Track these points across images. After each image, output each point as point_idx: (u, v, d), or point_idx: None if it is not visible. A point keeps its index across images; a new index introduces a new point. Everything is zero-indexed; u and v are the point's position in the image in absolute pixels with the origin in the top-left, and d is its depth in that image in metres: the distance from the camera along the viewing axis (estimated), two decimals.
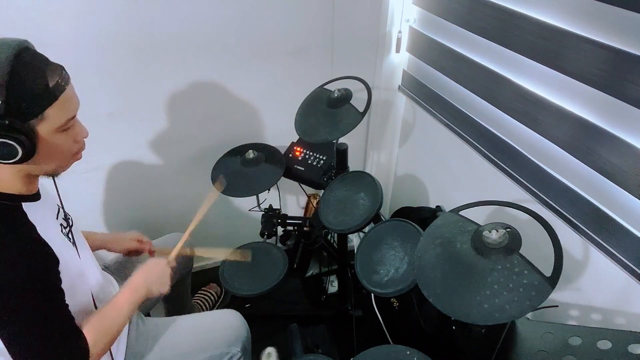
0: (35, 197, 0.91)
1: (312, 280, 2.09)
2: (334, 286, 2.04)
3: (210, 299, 1.93)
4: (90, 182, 1.64)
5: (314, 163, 1.60)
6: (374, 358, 0.99)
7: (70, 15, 1.30)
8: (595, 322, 1.10)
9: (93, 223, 1.74)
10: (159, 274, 1.12)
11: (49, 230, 0.88)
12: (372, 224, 1.24)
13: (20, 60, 0.77)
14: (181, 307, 1.69)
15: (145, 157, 1.69)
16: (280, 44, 1.61)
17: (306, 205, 2.10)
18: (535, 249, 0.83)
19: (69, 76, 0.86)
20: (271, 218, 1.60)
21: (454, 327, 1.09)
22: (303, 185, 1.61)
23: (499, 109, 1.28)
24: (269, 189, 1.47)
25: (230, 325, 1.28)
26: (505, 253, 0.81)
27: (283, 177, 1.53)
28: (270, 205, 1.65)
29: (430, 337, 1.26)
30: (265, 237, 1.57)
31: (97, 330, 0.94)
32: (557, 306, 1.13)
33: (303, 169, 1.59)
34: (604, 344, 0.85)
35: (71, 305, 0.93)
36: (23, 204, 0.87)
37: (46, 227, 0.88)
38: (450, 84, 1.49)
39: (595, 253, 1.06)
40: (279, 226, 1.63)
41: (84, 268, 1.01)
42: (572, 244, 1.11)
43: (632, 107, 0.89)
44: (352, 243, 2.03)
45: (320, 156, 1.61)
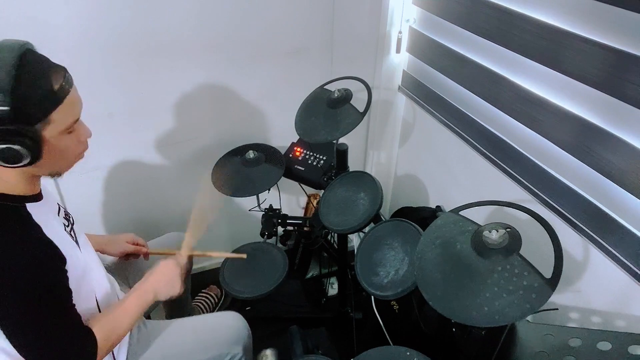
0: (37, 197, 0.92)
1: (313, 282, 2.09)
2: (334, 288, 2.04)
3: (210, 301, 1.92)
4: (89, 182, 1.64)
5: (314, 163, 1.60)
6: (374, 359, 0.99)
7: (70, 15, 1.30)
8: (596, 324, 1.10)
9: (92, 223, 1.74)
10: (168, 278, 1.12)
11: (53, 230, 0.89)
12: (372, 224, 1.23)
13: (25, 64, 0.77)
14: (181, 309, 1.69)
15: (145, 157, 1.68)
16: (280, 44, 1.60)
17: (306, 206, 2.09)
18: (536, 249, 0.83)
19: (72, 78, 0.86)
20: (271, 218, 1.60)
21: (454, 329, 1.09)
22: (303, 185, 1.61)
23: (499, 109, 1.28)
24: (269, 189, 1.47)
25: (232, 326, 1.28)
26: (505, 253, 0.80)
27: (283, 177, 1.53)
28: (271, 205, 1.65)
29: (430, 339, 1.26)
30: (265, 237, 1.57)
31: (106, 330, 0.95)
32: (557, 309, 1.12)
33: (303, 169, 1.58)
34: (604, 345, 0.85)
35: (78, 305, 0.94)
36: (27, 204, 0.87)
37: (50, 227, 0.89)
38: (450, 84, 1.48)
39: (595, 253, 1.06)
40: (279, 226, 1.62)
41: (87, 266, 1.01)
42: (572, 243, 1.10)
43: (632, 107, 0.89)
44: (352, 243, 2.03)
45: (321, 156, 1.61)
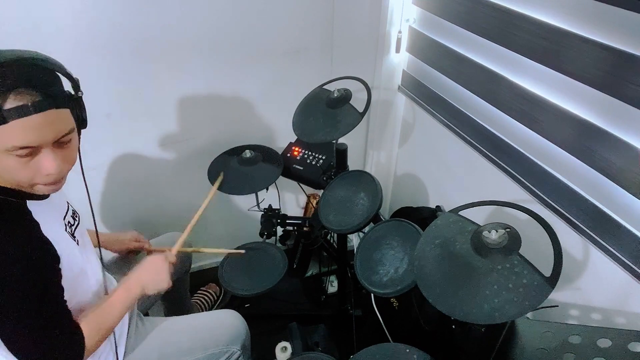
0: (42, 196, 0.92)
1: (312, 280, 2.09)
2: (333, 286, 2.04)
3: (209, 298, 1.93)
4: (88, 182, 1.63)
5: (313, 162, 1.60)
6: (374, 356, 0.99)
7: (69, 15, 1.30)
8: (595, 322, 1.11)
9: (90, 222, 1.74)
10: (155, 272, 1.12)
11: (52, 229, 0.89)
12: (372, 224, 1.24)
13: None
14: (180, 307, 1.69)
15: (143, 157, 1.68)
16: (280, 44, 1.60)
17: (306, 205, 2.10)
18: (535, 249, 0.83)
19: (49, 111, 0.76)
20: (270, 218, 1.60)
21: (453, 327, 1.09)
22: (302, 185, 1.61)
23: (498, 109, 1.28)
24: (268, 188, 1.47)
25: (230, 324, 1.28)
26: (504, 253, 0.81)
27: (282, 177, 1.53)
28: (270, 205, 1.65)
29: (430, 336, 1.26)
30: (264, 237, 1.57)
31: (93, 326, 0.95)
32: (557, 306, 1.13)
33: (302, 168, 1.58)
34: (604, 342, 0.85)
35: (72, 302, 0.94)
36: (28, 201, 0.88)
37: (50, 226, 0.89)
38: (450, 84, 1.49)
39: (595, 253, 1.06)
40: (279, 226, 1.62)
41: (86, 267, 1.02)
42: (572, 243, 1.11)
43: (632, 107, 0.89)
44: (352, 243, 2.03)
45: (320, 155, 1.61)
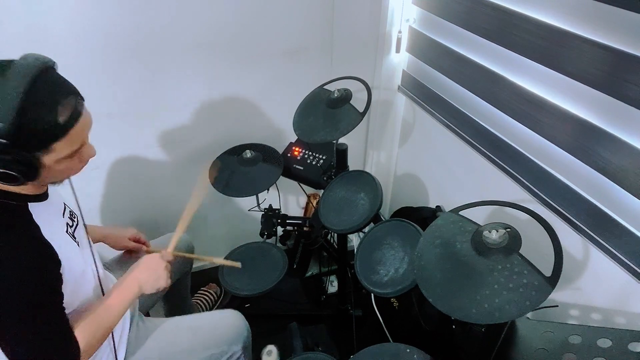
0: (42, 197, 0.92)
1: (312, 280, 2.09)
2: (333, 286, 2.04)
3: (209, 298, 1.93)
4: (88, 182, 1.64)
5: (314, 162, 1.60)
6: (374, 356, 0.99)
7: (69, 15, 1.30)
8: (596, 322, 1.11)
9: (91, 222, 1.73)
10: (152, 271, 1.10)
11: (53, 231, 0.89)
12: (372, 224, 1.24)
13: (32, 94, 0.75)
14: (181, 307, 1.69)
15: (143, 157, 1.69)
16: (280, 44, 1.61)
17: (306, 205, 2.10)
18: (536, 249, 0.83)
19: (83, 104, 0.85)
20: (271, 218, 1.60)
21: (453, 326, 1.09)
22: (303, 185, 1.61)
23: (498, 109, 1.29)
24: (268, 189, 1.48)
25: (231, 324, 1.28)
26: (505, 253, 0.81)
27: (282, 177, 1.53)
28: (270, 205, 1.65)
29: (430, 336, 1.26)
30: (265, 237, 1.57)
31: (89, 331, 0.94)
32: (557, 306, 1.13)
33: (302, 168, 1.58)
34: (604, 342, 0.85)
35: (73, 304, 0.94)
36: (29, 203, 0.87)
37: (51, 228, 0.88)
38: (450, 84, 1.49)
39: (595, 253, 1.06)
40: (279, 226, 1.63)
41: (87, 267, 1.02)
42: (572, 243, 1.11)
43: (632, 108, 0.89)
44: (352, 243, 2.03)
45: (320, 155, 1.61)
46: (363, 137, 2.00)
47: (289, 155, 1.64)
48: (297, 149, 1.66)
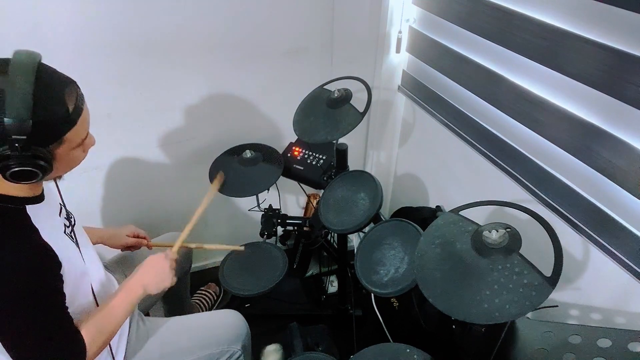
0: (39, 199, 0.91)
1: (312, 280, 2.09)
2: (333, 286, 2.04)
3: (209, 298, 1.93)
4: (88, 182, 1.64)
5: (314, 162, 1.60)
6: (374, 356, 0.99)
7: (69, 15, 1.30)
8: (596, 322, 1.11)
9: (91, 222, 1.74)
10: (156, 271, 1.10)
11: (52, 232, 0.88)
12: (372, 224, 1.24)
13: (41, 88, 0.76)
14: (180, 307, 1.69)
15: (143, 157, 1.69)
16: (280, 44, 1.61)
17: (306, 205, 2.10)
18: (536, 249, 0.83)
19: (82, 92, 0.86)
20: (271, 218, 1.60)
21: (454, 326, 1.09)
22: (303, 185, 1.61)
23: (498, 109, 1.29)
24: (268, 189, 1.48)
25: (231, 324, 1.28)
26: (505, 253, 0.81)
27: (283, 177, 1.53)
28: (270, 205, 1.65)
29: (431, 336, 1.26)
30: (265, 237, 1.57)
31: (94, 331, 0.94)
32: (557, 306, 1.13)
33: (302, 168, 1.58)
34: (604, 342, 0.85)
35: (74, 304, 0.94)
36: (27, 206, 0.87)
37: (49, 229, 0.88)
38: (450, 84, 1.49)
39: (595, 252, 1.06)
40: (279, 226, 1.62)
41: (87, 267, 1.01)
42: (572, 243, 1.11)
43: (632, 108, 0.89)
44: (352, 243, 2.04)
45: (320, 155, 1.61)
46: (363, 137, 2.00)
47: (289, 155, 1.64)
48: (297, 149, 1.66)
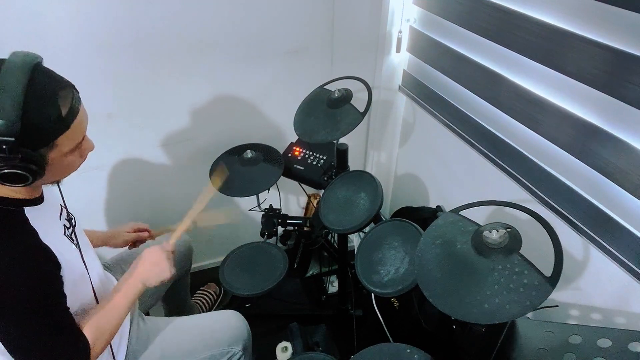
0: (38, 201, 0.91)
1: (313, 280, 2.09)
2: (334, 286, 2.04)
3: (209, 298, 1.93)
4: (89, 182, 1.64)
5: (314, 162, 1.60)
6: (375, 356, 0.99)
7: (69, 14, 1.30)
8: (596, 322, 1.11)
9: (92, 222, 1.74)
10: (154, 263, 1.09)
11: (51, 235, 0.88)
12: (373, 224, 1.24)
13: (33, 89, 0.75)
14: (180, 307, 1.69)
15: (144, 158, 1.69)
16: (280, 44, 1.61)
17: (306, 205, 2.10)
18: (536, 249, 0.83)
19: (79, 96, 0.85)
20: (271, 218, 1.60)
21: (454, 326, 1.09)
22: (303, 185, 1.61)
23: (499, 109, 1.29)
24: (269, 189, 1.48)
25: (232, 325, 1.28)
26: (505, 253, 0.81)
27: (283, 177, 1.53)
28: (271, 205, 1.65)
29: (431, 336, 1.26)
30: (265, 237, 1.57)
31: (97, 330, 0.94)
32: (557, 306, 1.13)
33: (303, 168, 1.58)
34: (604, 342, 0.85)
35: (74, 305, 0.94)
36: (25, 208, 0.86)
37: (48, 232, 0.88)
38: (450, 84, 1.49)
39: (595, 253, 1.06)
40: (279, 226, 1.63)
41: (87, 268, 1.01)
42: (573, 243, 1.11)
43: (632, 108, 0.89)
44: (353, 243, 2.04)
45: (320, 155, 1.61)
46: (363, 137, 2.00)
47: (289, 155, 1.64)
48: (298, 149, 1.66)
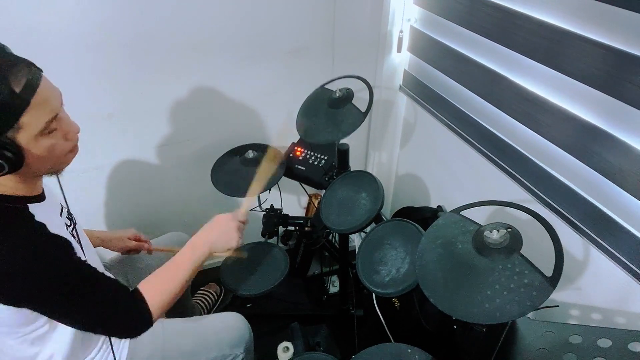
0: (40, 198, 0.91)
1: (314, 280, 2.09)
2: (335, 286, 2.04)
3: (210, 299, 1.93)
4: (90, 182, 1.64)
5: (315, 162, 1.60)
6: (376, 356, 1.00)
7: (68, 15, 1.30)
8: (596, 322, 1.11)
9: (92, 223, 1.75)
10: (223, 229, 1.10)
11: (57, 228, 0.88)
12: (374, 224, 1.24)
13: None
14: (181, 307, 1.69)
15: (145, 157, 1.69)
16: (281, 43, 1.61)
17: (307, 205, 2.10)
18: (536, 249, 0.83)
19: (41, 73, 0.79)
20: (272, 218, 1.60)
21: (455, 326, 1.09)
22: (304, 185, 1.61)
23: (499, 109, 1.29)
24: (270, 189, 1.48)
25: (234, 327, 1.28)
26: (506, 253, 0.81)
27: (284, 177, 1.53)
28: (272, 205, 1.65)
29: (432, 336, 1.26)
30: (266, 237, 1.57)
31: (156, 288, 0.94)
32: (558, 306, 1.13)
33: (304, 168, 1.59)
34: (604, 342, 0.85)
35: None
36: (29, 205, 0.87)
37: (54, 225, 0.88)
38: (451, 84, 1.49)
39: (595, 253, 1.06)
40: (280, 226, 1.63)
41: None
42: (573, 244, 1.11)
43: (632, 108, 0.89)
44: (354, 243, 2.03)
45: (322, 156, 1.61)
46: (364, 138, 2.00)
47: (291, 155, 1.64)
48: (299, 149, 1.66)
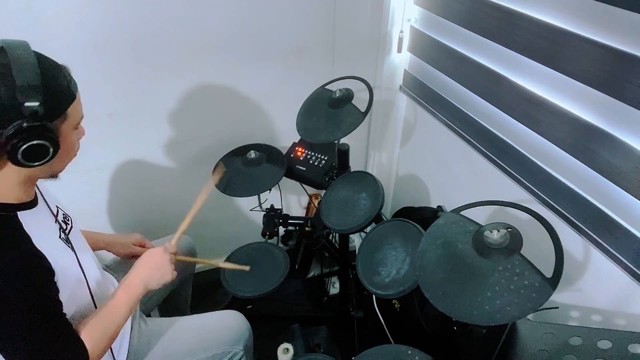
0: (32, 204, 0.89)
1: (314, 281, 2.09)
2: (335, 287, 2.04)
3: None
4: (90, 183, 1.64)
5: (316, 163, 1.60)
6: (376, 357, 0.99)
7: (69, 15, 1.30)
8: (596, 323, 1.10)
9: (93, 223, 1.73)
10: (156, 266, 1.07)
11: (45, 239, 0.86)
12: (374, 224, 1.24)
13: (43, 60, 0.78)
14: (180, 305, 1.68)
15: (145, 158, 1.69)
16: (281, 44, 1.61)
17: (308, 205, 2.10)
18: (536, 249, 0.83)
19: None
20: (272, 218, 1.60)
21: (455, 328, 1.09)
22: (304, 185, 1.61)
23: (499, 109, 1.28)
24: (270, 189, 1.48)
25: (233, 325, 1.28)
26: (506, 253, 0.81)
27: (285, 177, 1.53)
28: (272, 205, 1.65)
29: (432, 338, 1.26)
30: (266, 238, 1.57)
31: (95, 334, 0.92)
32: (558, 307, 1.13)
33: (304, 169, 1.59)
34: (604, 344, 0.85)
35: (70, 310, 0.92)
36: (19, 213, 0.84)
37: (42, 236, 0.86)
38: (451, 84, 1.49)
39: (595, 254, 1.06)
40: (281, 226, 1.63)
41: (83, 272, 0.98)
42: (573, 244, 1.11)
43: (632, 108, 0.89)
44: (354, 243, 2.03)
45: (322, 156, 1.61)
46: (364, 138, 2.00)
47: (292, 155, 1.65)
48: (300, 149, 1.66)
